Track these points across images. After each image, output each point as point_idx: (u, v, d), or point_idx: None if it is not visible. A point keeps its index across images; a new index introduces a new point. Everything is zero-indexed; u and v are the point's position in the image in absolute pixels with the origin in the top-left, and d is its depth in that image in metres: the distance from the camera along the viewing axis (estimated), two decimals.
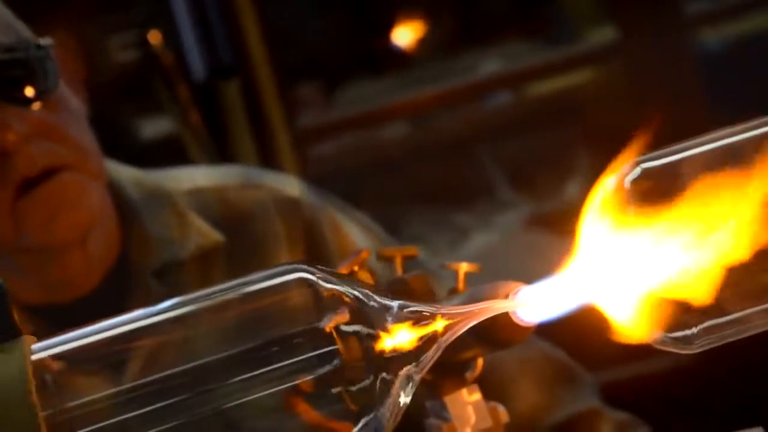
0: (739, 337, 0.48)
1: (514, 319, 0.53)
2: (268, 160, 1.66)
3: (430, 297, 0.62)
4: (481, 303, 0.51)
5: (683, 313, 0.48)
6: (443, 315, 0.50)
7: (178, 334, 0.49)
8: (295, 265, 0.50)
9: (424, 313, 0.50)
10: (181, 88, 1.64)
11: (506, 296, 0.54)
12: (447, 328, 0.50)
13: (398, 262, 0.64)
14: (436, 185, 1.89)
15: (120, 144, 1.81)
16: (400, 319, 0.49)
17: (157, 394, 0.47)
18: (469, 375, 0.61)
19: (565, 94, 1.94)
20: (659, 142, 0.51)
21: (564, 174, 1.84)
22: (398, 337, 0.49)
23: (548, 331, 0.55)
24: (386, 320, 0.49)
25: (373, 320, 0.49)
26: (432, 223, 1.86)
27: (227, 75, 1.67)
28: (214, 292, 0.50)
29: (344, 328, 0.48)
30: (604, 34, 1.88)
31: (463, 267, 0.63)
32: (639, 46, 1.78)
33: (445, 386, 0.60)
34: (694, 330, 0.48)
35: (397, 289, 0.62)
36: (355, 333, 0.49)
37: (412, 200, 1.89)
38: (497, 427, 0.60)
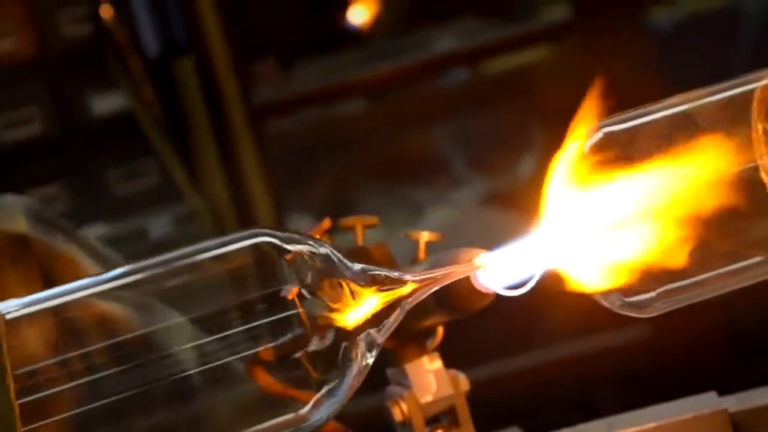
0: (695, 301, 0.49)
1: (476, 285, 0.53)
2: (223, 136, 1.65)
3: (391, 266, 0.62)
4: (446, 268, 0.51)
5: (641, 278, 0.48)
6: (407, 279, 0.50)
7: (134, 300, 0.48)
8: (256, 230, 0.49)
9: (389, 277, 0.49)
10: (134, 63, 1.62)
11: (469, 263, 0.54)
12: (411, 293, 0.50)
13: (359, 231, 0.64)
14: (393, 161, 1.89)
15: (72, 119, 1.79)
16: (364, 282, 0.49)
17: (111, 362, 0.46)
18: (430, 343, 0.62)
19: (520, 71, 1.95)
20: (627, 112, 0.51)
21: (519, 151, 1.85)
22: (363, 301, 0.49)
23: (507, 305, 0.55)
24: (350, 283, 0.49)
25: (337, 283, 0.48)
26: (388, 199, 1.86)
27: (181, 51, 1.65)
28: (170, 259, 0.49)
29: (306, 292, 0.48)
30: (558, 12, 1.89)
31: (424, 236, 0.63)
32: (592, 23, 1.79)
33: (406, 354, 0.61)
34: (652, 294, 0.48)
35: (358, 257, 0.62)
36: (318, 297, 0.48)
37: (368, 176, 1.89)
38: (458, 395, 0.60)
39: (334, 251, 0.49)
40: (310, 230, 0.63)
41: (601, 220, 0.49)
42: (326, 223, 0.63)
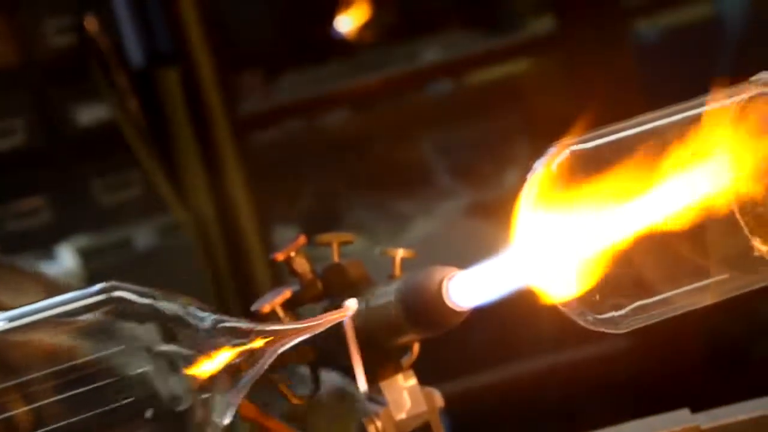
0: (665, 317, 0.49)
1: (448, 304, 0.54)
2: (207, 147, 1.65)
3: (366, 282, 0.62)
4: (306, 321, 0.49)
5: (611, 295, 0.49)
6: (261, 333, 0.47)
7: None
8: (106, 284, 0.47)
9: (243, 331, 0.47)
10: (118, 74, 1.62)
11: (440, 281, 0.55)
12: (268, 345, 0.47)
13: (335, 248, 0.64)
14: (377, 173, 1.89)
15: (56, 130, 1.79)
16: (216, 336, 0.46)
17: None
18: (405, 361, 0.62)
19: (505, 83, 1.96)
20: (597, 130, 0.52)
21: (504, 162, 1.86)
22: (215, 358, 0.46)
23: (485, 319, 0.55)
24: (202, 339, 0.46)
25: (188, 339, 0.46)
26: (373, 211, 1.87)
27: (165, 61, 1.65)
28: (18, 315, 0.46)
29: (158, 348, 0.46)
30: (543, 24, 1.90)
31: (400, 253, 0.63)
32: (578, 35, 1.80)
33: (381, 372, 0.61)
34: (622, 311, 0.48)
35: (334, 274, 0.62)
36: (168, 355, 0.46)
37: (353, 187, 1.90)
38: (432, 411, 0.60)
39: (187, 307, 0.47)
40: (285, 247, 0.63)
41: (570, 239, 0.49)
42: (301, 239, 0.63)
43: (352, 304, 0.51)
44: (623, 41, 1.82)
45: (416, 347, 0.62)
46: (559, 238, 0.49)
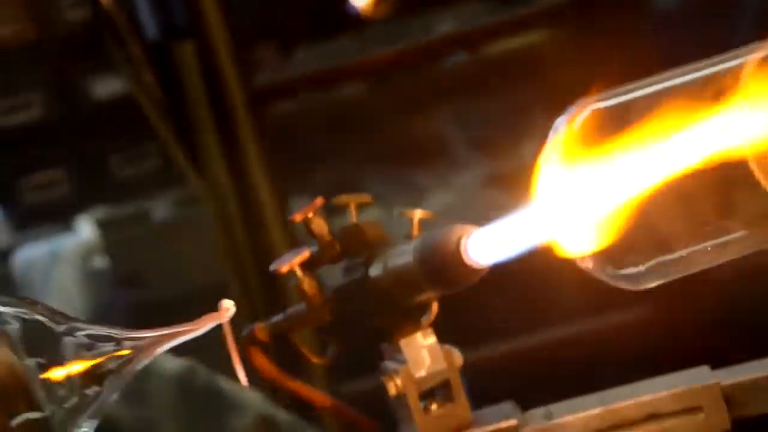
0: (684, 274, 0.49)
1: (466, 261, 0.54)
2: (223, 119, 1.65)
3: (384, 243, 0.62)
4: (172, 327, 0.48)
5: (632, 251, 0.49)
6: (125, 341, 0.47)
7: None
8: None
9: (105, 338, 0.46)
10: (134, 47, 1.62)
11: (459, 239, 0.55)
12: (137, 352, 0.46)
13: (353, 208, 0.64)
14: (394, 145, 1.89)
15: (73, 104, 1.79)
16: (76, 345, 0.46)
17: None
18: (425, 319, 0.62)
19: (521, 54, 1.95)
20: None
21: (521, 133, 1.85)
22: (72, 367, 0.46)
23: (508, 287, 0.55)
24: (60, 347, 0.46)
25: (45, 347, 0.45)
26: (389, 183, 1.87)
27: (181, 34, 1.65)
28: None
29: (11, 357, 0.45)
30: None
31: (418, 214, 0.64)
32: (595, 3, 1.79)
33: (401, 330, 0.61)
34: (642, 267, 0.48)
35: (351, 235, 0.63)
36: (26, 362, 0.46)
37: (369, 160, 1.89)
38: (452, 369, 0.60)
39: (45, 317, 0.46)
40: (303, 209, 0.64)
41: (591, 195, 0.49)
42: (319, 201, 0.63)
43: (229, 305, 0.50)
44: (641, 8, 1.81)
45: (436, 306, 0.62)
46: (579, 194, 0.49)
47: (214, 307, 0.52)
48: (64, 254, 1.82)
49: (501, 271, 0.54)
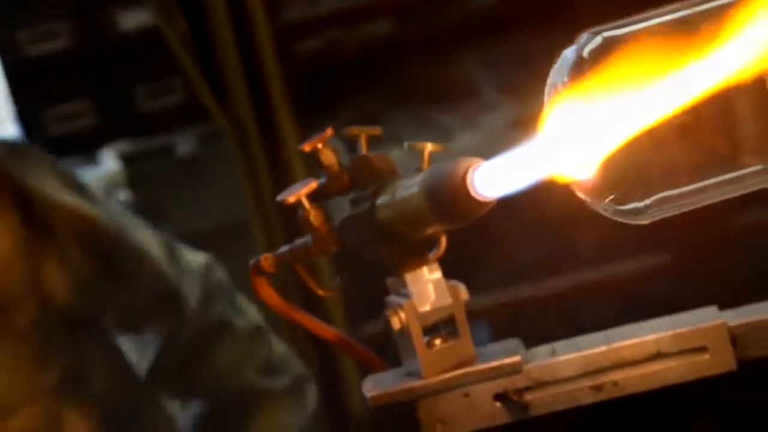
0: (691, 208, 0.48)
1: (472, 193, 0.53)
2: (249, 55, 1.64)
3: (392, 175, 0.61)
4: None
5: (637, 184, 0.48)
6: None
7: None
8: None
9: None
10: None
11: (465, 171, 0.54)
12: None
13: (363, 140, 0.64)
14: (421, 85, 1.87)
15: (100, 35, 1.78)
16: None
17: None
18: (432, 255, 0.61)
19: None
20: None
21: (549, 75, 1.82)
22: None
23: (525, 235, 0.55)
24: None
25: None
26: (415, 122, 1.85)
27: None
28: None
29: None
30: None
31: (428, 147, 0.63)
32: None
33: (407, 264, 0.60)
34: (647, 201, 0.48)
35: (360, 166, 0.62)
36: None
37: (395, 98, 1.88)
38: (456, 304, 0.60)
39: None
40: (313, 138, 0.63)
41: (599, 126, 0.48)
42: (329, 131, 0.63)
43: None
44: None
45: (444, 241, 0.61)
46: (587, 125, 0.48)
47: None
48: None
49: (521, 218, 0.54)
